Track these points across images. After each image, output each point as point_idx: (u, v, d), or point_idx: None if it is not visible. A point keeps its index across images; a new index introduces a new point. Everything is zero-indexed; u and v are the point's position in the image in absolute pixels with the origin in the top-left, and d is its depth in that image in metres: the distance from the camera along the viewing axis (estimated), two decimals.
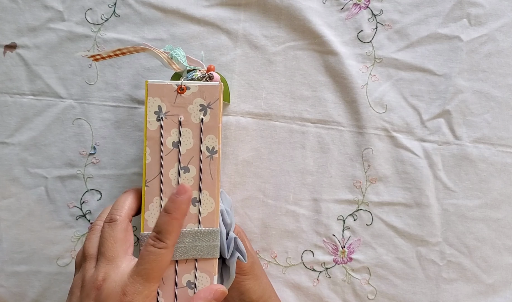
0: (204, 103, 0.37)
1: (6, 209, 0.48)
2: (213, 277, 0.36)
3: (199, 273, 0.36)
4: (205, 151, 0.37)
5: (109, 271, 0.33)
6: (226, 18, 0.48)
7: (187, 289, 0.36)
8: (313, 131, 0.48)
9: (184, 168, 0.37)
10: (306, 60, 0.48)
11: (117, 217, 0.35)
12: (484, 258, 0.48)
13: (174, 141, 0.37)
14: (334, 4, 0.48)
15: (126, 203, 0.36)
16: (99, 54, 0.40)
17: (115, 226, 0.34)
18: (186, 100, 0.37)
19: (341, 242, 0.48)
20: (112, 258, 0.33)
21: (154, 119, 0.37)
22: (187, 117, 0.37)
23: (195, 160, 0.37)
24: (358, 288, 0.48)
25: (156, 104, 0.37)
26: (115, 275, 0.33)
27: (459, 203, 0.48)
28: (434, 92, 0.48)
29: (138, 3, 0.48)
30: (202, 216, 0.36)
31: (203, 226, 0.36)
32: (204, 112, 0.37)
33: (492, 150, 0.48)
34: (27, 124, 0.48)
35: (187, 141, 0.37)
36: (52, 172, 0.48)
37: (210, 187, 0.37)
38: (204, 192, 0.37)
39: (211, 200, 0.37)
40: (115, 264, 0.33)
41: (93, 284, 0.33)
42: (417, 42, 0.48)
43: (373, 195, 0.48)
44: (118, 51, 0.40)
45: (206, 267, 0.36)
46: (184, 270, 0.36)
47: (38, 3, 0.48)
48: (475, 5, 0.47)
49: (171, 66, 0.40)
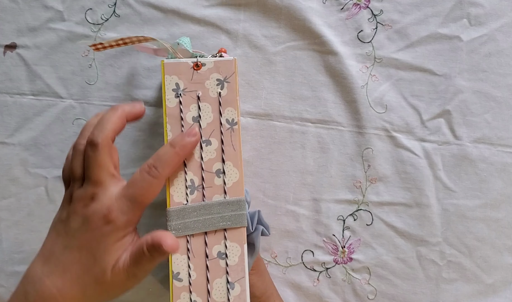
0: (221, 78, 0.38)
1: (6, 209, 0.48)
2: (243, 246, 0.37)
3: (229, 243, 0.37)
4: (225, 124, 0.37)
5: (96, 191, 0.34)
6: (226, 18, 0.48)
7: (219, 260, 0.36)
8: (313, 131, 0.48)
9: (206, 141, 0.37)
10: (306, 60, 0.48)
11: (99, 140, 0.33)
12: (484, 258, 0.48)
13: (194, 116, 0.37)
14: (334, 4, 0.48)
15: (109, 124, 0.34)
16: (101, 43, 0.40)
17: (97, 151, 0.33)
18: (203, 76, 0.38)
19: (341, 242, 0.48)
20: (98, 181, 0.34)
21: (172, 96, 0.37)
22: (205, 92, 0.38)
23: (216, 133, 0.37)
24: (358, 288, 0.48)
25: (174, 81, 0.37)
26: (103, 196, 0.33)
27: (459, 203, 0.48)
28: (434, 92, 0.48)
29: (138, 3, 0.48)
30: (227, 187, 0.37)
31: (230, 196, 0.37)
32: (221, 86, 0.38)
33: (492, 150, 0.48)
34: (27, 124, 0.48)
35: (207, 115, 0.37)
36: (52, 172, 0.48)
37: (233, 158, 0.37)
38: (227, 163, 0.37)
39: (235, 170, 0.37)
40: (103, 186, 0.34)
41: (81, 201, 0.34)
42: (417, 42, 0.48)
43: (373, 195, 0.48)
44: (121, 41, 0.40)
45: (235, 236, 0.37)
46: (214, 241, 0.36)
47: (38, 3, 0.48)
48: (475, 5, 0.47)
49: (176, 55, 0.40)
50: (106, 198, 0.33)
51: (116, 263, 0.33)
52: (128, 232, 0.34)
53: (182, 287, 0.36)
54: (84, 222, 0.33)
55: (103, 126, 0.34)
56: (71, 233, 0.34)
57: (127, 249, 0.34)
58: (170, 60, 0.38)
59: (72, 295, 0.33)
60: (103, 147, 0.34)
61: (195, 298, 0.36)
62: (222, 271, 0.36)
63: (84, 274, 0.33)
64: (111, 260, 0.33)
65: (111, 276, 0.33)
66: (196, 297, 0.36)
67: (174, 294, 0.36)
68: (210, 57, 0.39)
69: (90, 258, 0.33)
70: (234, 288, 0.36)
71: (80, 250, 0.33)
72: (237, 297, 0.36)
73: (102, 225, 0.33)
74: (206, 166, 0.37)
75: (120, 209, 0.33)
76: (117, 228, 0.33)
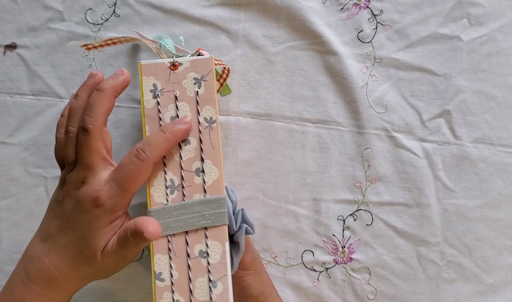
0: (198, 77, 0.38)
1: (6, 209, 0.48)
2: (224, 244, 0.36)
3: (210, 241, 0.36)
4: (203, 122, 0.37)
5: (87, 175, 0.34)
6: (226, 18, 0.48)
7: (200, 258, 0.36)
8: (313, 131, 0.48)
9: (185, 141, 0.37)
10: (306, 60, 0.48)
11: (90, 126, 0.34)
12: (484, 258, 0.48)
13: (172, 115, 0.37)
14: (334, 4, 0.48)
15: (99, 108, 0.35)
16: (91, 43, 0.41)
17: (89, 136, 0.34)
18: (180, 75, 0.38)
19: (341, 242, 0.48)
20: (89, 166, 0.34)
21: (150, 97, 0.37)
22: (182, 92, 0.38)
23: (194, 132, 0.37)
24: (358, 288, 0.48)
25: (151, 82, 0.37)
26: (93, 179, 0.34)
27: (459, 203, 0.48)
28: (434, 92, 0.48)
29: (138, 3, 0.48)
30: (207, 185, 0.37)
31: (209, 194, 0.37)
32: (198, 85, 0.38)
33: (492, 150, 0.48)
34: (27, 124, 0.48)
35: (185, 114, 0.37)
36: (52, 172, 0.48)
37: (212, 156, 0.37)
38: (206, 161, 0.37)
39: (214, 168, 0.37)
40: (93, 171, 0.34)
41: (74, 184, 0.35)
42: (417, 42, 0.48)
43: (373, 195, 0.48)
44: (109, 41, 0.41)
45: (216, 234, 0.37)
46: (195, 240, 0.36)
47: (38, 3, 0.48)
48: (475, 5, 0.47)
49: (159, 56, 0.40)
50: (96, 181, 0.34)
51: (105, 246, 0.34)
52: (117, 216, 0.35)
53: (164, 287, 0.36)
54: (76, 205, 0.34)
55: (93, 111, 0.34)
56: (65, 214, 0.35)
57: (116, 232, 0.35)
58: (147, 61, 0.38)
59: (68, 273, 0.35)
60: (95, 132, 0.34)
61: (177, 297, 0.36)
62: (204, 270, 0.36)
63: (77, 255, 0.34)
64: (101, 243, 0.34)
65: (102, 258, 0.34)
66: (179, 297, 0.36)
67: (157, 294, 0.36)
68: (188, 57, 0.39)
69: (82, 240, 0.34)
70: (217, 287, 0.36)
71: (73, 231, 0.34)
72: (219, 295, 0.36)
73: (92, 209, 0.34)
74: (186, 165, 0.37)
75: (109, 193, 0.34)
76: (106, 212, 0.34)
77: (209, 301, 0.36)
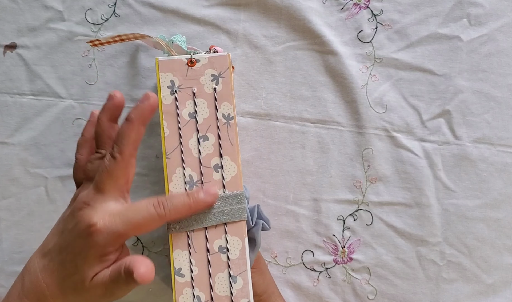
0: (216, 73, 0.38)
1: (6, 209, 0.48)
2: (244, 239, 0.37)
3: (230, 236, 0.37)
4: (221, 118, 0.38)
5: (96, 198, 0.34)
6: (226, 18, 0.48)
7: (220, 254, 0.36)
8: (313, 131, 0.48)
9: (203, 137, 0.37)
10: (306, 60, 0.48)
11: (117, 155, 0.34)
12: (484, 258, 0.48)
13: (190, 112, 0.38)
14: (334, 4, 0.48)
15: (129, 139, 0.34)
16: (98, 39, 0.41)
17: (114, 163, 0.34)
18: (197, 72, 0.38)
19: (341, 242, 0.48)
20: (102, 190, 0.34)
21: (168, 93, 0.38)
22: (200, 88, 0.38)
23: (212, 128, 0.38)
24: (358, 288, 0.48)
25: (169, 78, 0.38)
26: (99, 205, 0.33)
27: (459, 203, 0.48)
28: (434, 92, 0.48)
29: (138, 3, 0.48)
30: (226, 181, 0.37)
31: (228, 190, 0.37)
32: (216, 81, 0.38)
33: (492, 150, 0.48)
34: (27, 124, 0.48)
35: (203, 110, 0.38)
36: (52, 172, 0.48)
37: (231, 152, 0.37)
38: (225, 158, 0.37)
39: (233, 164, 0.37)
40: (103, 196, 0.34)
41: (80, 203, 0.34)
42: (417, 42, 0.48)
43: (373, 195, 0.48)
44: (117, 37, 0.41)
45: (236, 230, 0.37)
46: (215, 236, 0.37)
47: (38, 3, 0.48)
48: (475, 5, 0.47)
49: (171, 52, 0.40)
50: (101, 208, 0.33)
51: (96, 276, 0.33)
52: (108, 251, 0.33)
53: (184, 282, 0.36)
54: (75, 226, 0.33)
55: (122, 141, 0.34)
56: (65, 233, 0.34)
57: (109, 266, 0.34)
58: (164, 57, 0.38)
59: (56, 294, 0.34)
60: (120, 161, 0.34)
61: (197, 293, 0.36)
62: (223, 265, 0.36)
63: (65, 279, 0.34)
64: (90, 272, 0.33)
65: (90, 288, 0.33)
66: (199, 292, 0.36)
67: (177, 290, 0.36)
68: (204, 54, 0.39)
69: (72, 265, 0.33)
70: (237, 282, 0.36)
71: (67, 253, 0.34)
72: (239, 290, 0.36)
73: (85, 235, 0.32)
74: (204, 161, 0.37)
75: (108, 226, 0.32)
76: (96, 244, 0.32)
77: (229, 296, 0.36)
